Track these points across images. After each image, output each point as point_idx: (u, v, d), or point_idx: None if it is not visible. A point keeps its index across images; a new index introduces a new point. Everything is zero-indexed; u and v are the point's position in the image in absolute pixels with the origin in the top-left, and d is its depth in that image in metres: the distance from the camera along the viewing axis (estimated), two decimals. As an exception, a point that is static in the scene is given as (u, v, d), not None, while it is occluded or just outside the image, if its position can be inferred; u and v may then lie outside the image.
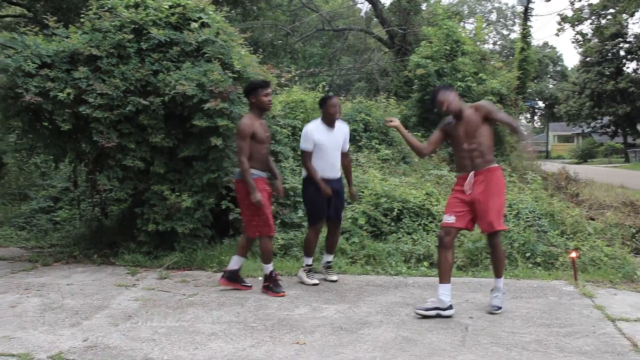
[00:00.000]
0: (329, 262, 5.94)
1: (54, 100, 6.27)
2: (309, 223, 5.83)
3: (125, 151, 6.55)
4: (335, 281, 5.73)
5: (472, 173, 4.62)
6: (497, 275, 4.80)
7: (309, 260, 5.82)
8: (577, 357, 3.67)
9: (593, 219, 7.49)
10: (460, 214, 4.62)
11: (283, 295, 5.23)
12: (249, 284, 5.54)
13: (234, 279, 5.51)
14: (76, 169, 8.41)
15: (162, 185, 6.55)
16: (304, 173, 5.72)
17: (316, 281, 5.68)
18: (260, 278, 5.77)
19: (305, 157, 5.61)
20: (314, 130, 5.58)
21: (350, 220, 7.00)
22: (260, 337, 4.10)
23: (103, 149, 6.46)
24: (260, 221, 5.28)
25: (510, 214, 6.94)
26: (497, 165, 4.74)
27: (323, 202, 5.61)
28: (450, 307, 4.56)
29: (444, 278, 4.59)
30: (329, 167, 5.62)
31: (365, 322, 4.45)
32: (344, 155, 5.79)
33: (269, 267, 5.39)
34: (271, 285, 5.36)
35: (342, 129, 5.76)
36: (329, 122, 5.63)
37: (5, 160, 10.94)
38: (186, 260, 6.48)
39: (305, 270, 5.79)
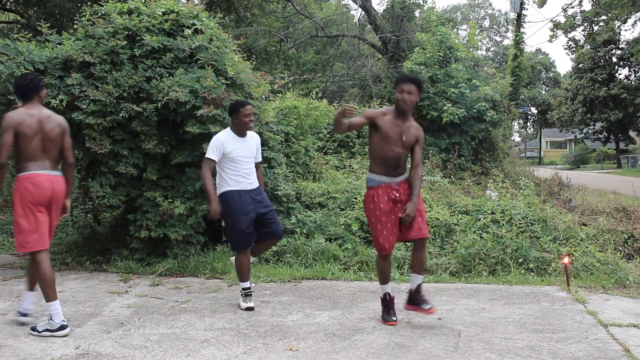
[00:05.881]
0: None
1: (46, 106, 6.24)
2: (234, 247, 5.29)
3: (118, 158, 6.55)
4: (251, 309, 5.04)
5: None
6: None
7: (246, 284, 5.16)
8: (569, 363, 3.68)
9: (585, 225, 7.52)
10: None
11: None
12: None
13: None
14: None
15: (154, 192, 6.55)
16: (219, 189, 5.15)
17: (251, 305, 5.05)
18: (253, 284, 5.78)
19: (205, 166, 5.06)
20: (226, 140, 5.10)
21: (343, 226, 7.00)
22: (252, 344, 4.09)
23: (96, 155, 6.46)
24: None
25: (503, 219, 6.96)
26: None
27: (246, 220, 5.07)
28: (62, 327, 4.30)
29: None
30: (243, 178, 5.16)
31: (358, 329, 4.44)
32: (257, 167, 5.36)
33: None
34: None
35: (254, 138, 5.35)
36: (240, 131, 5.19)
37: None
38: (179, 267, 6.48)
39: (242, 294, 5.15)
